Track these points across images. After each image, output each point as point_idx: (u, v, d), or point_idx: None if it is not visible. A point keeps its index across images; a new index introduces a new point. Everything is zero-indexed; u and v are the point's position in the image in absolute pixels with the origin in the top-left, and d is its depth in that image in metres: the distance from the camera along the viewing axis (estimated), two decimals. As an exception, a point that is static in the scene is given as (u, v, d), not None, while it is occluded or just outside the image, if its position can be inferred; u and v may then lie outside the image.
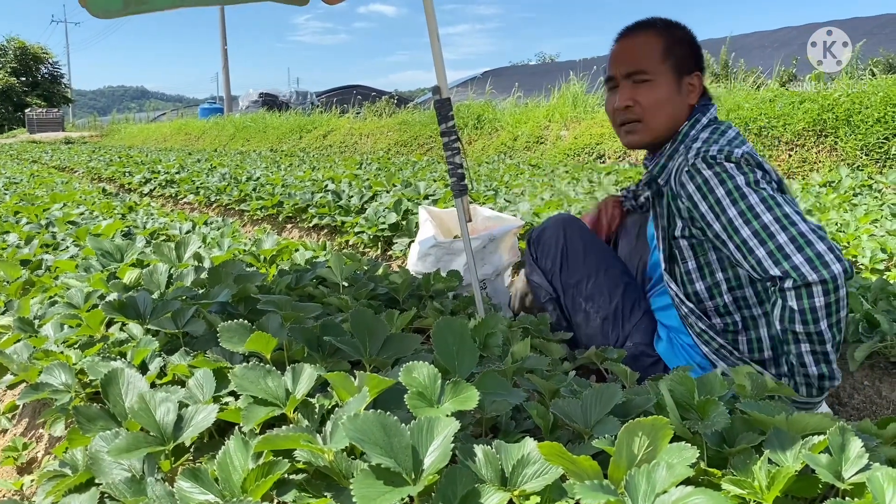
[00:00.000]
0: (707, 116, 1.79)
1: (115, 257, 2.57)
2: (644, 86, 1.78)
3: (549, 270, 2.03)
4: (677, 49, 1.79)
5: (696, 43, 1.85)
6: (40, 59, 46.69)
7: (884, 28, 15.21)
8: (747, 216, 1.58)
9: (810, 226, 1.56)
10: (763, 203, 1.57)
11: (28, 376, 1.66)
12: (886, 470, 0.83)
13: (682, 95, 1.79)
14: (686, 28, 1.85)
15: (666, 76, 1.77)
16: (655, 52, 1.78)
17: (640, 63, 1.78)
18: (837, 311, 1.53)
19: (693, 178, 1.65)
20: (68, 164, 12.25)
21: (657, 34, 1.80)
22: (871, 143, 6.15)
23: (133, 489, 1.04)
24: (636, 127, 1.81)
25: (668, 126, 1.79)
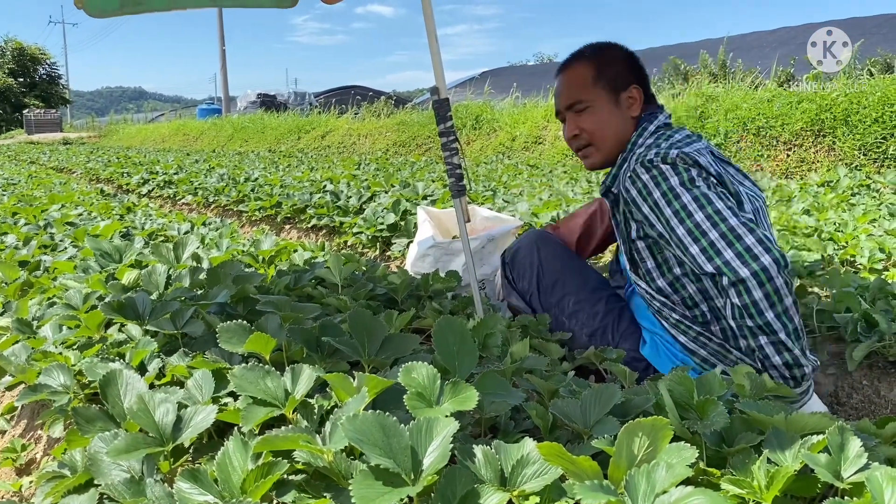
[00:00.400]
0: (654, 124, 1.86)
1: (113, 258, 2.57)
2: (585, 113, 1.89)
3: (526, 291, 2.07)
4: (608, 70, 1.88)
5: (629, 58, 1.93)
6: (38, 60, 46.64)
7: (881, 28, 15.23)
8: (681, 215, 1.65)
9: (741, 219, 1.61)
10: (695, 202, 1.64)
11: (27, 378, 1.66)
12: (885, 469, 0.83)
13: (622, 111, 1.88)
14: (616, 47, 1.95)
15: (602, 98, 1.87)
16: (587, 79, 1.89)
17: (575, 94, 1.90)
18: (780, 300, 1.57)
19: (634, 183, 1.74)
20: (66, 165, 12.24)
21: (586, 62, 1.91)
22: (869, 143, 6.16)
23: (132, 490, 1.04)
24: (589, 151, 1.92)
25: (617, 142, 1.89)
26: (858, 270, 2.91)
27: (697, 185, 1.65)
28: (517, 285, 2.10)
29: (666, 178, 1.68)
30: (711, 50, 12.49)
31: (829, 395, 2.09)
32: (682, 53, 15.12)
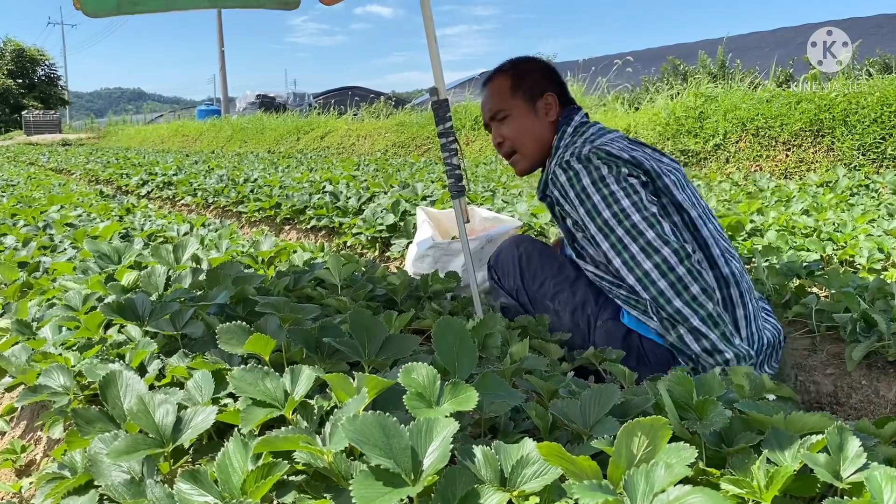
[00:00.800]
0: (572, 125, 1.98)
1: (112, 259, 2.57)
2: (506, 121, 2.04)
3: (512, 288, 2.14)
4: (524, 81, 2.03)
5: (545, 69, 2.08)
6: (37, 62, 46.63)
7: (880, 28, 15.24)
8: (592, 214, 1.79)
9: (643, 215, 1.74)
10: (603, 201, 1.77)
11: (26, 379, 1.66)
12: (884, 469, 0.83)
13: (540, 117, 2.02)
14: (533, 60, 2.10)
15: (520, 107, 2.02)
16: (506, 90, 2.03)
17: (496, 104, 2.04)
18: (685, 287, 1.70)
19: (555, 185, 1.88)
20: (65, 166, 12.23)
21: (504, 75, 2.05)
22: (868, 143, 6.17)
23: (132, 491, 1.04)
24: (516, 158, 2.07)
25: (538, 146, 2.03)
26: (857, 270, 2.91)
27: (607, 184, 1.77)
28: (504, 285, 2.16)
29: (579, 178, 1.80)
30: (710, 50, 12.49)
31: (828, 395, 2.09)
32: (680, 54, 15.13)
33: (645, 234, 1.72)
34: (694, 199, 1.87)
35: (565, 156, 1.85)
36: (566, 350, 1.80)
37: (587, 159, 1.80)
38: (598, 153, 1.80)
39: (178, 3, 2.43)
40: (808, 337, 2.27)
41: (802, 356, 2.20)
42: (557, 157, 1.89)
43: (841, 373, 2.10)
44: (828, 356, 2.18)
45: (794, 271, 2.61)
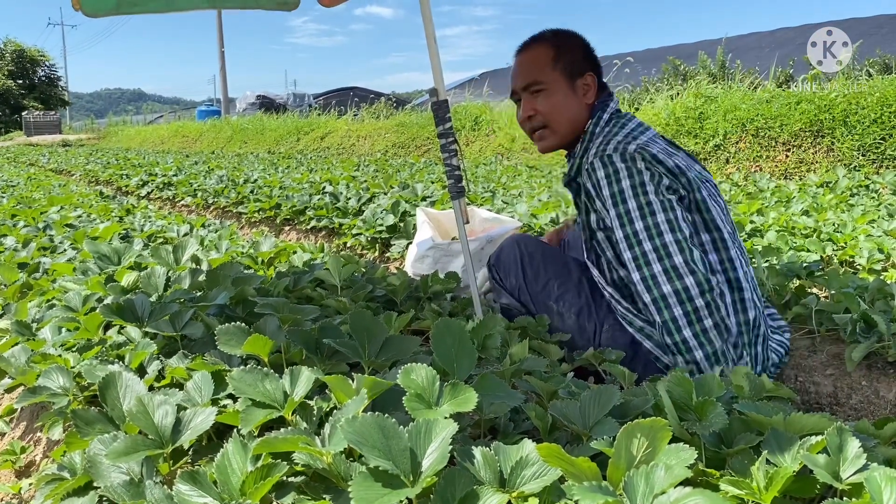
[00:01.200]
0: (607, 112, 1.90)
1: (112, 260, 2.57)
2: (541, 94, 1.92)
3: (514, 287, 2.10)
4: (566, 55, 1.91)
5: (586, 47, 1.96)
6: (37, 62, 46.65)
7: (880, 29, 15.24)
8: (623, 220, 1.72)
9: (676, 237, 1.67)
10: (639, 210, 1.70)
11: (26, 380, 1.66)
12: (884, 470, 0.83)
13: (577, 96, 1.92)
14: (575, 35, 1.98)
15: (558, 82, 1.90)
16: (546, 62, 1.91)
17: (533, 75, 1.92)
18: (699, 319, 1.64)
19: (590, 177, 1.79)
20: (65, 167, 12.24)
21: (546, 45, 1.93)
22: (868, 144, 6.17)
23: (132, 492, 1.04)
24: (544, 133, 1.95)
25: (571, 126, 1.93)
26: (857, 271, 2.91)
27: (646, 192, 1.70)
28: (505, 284, 2.12)
29: (619, 178, 1.73)
30: (710, 51, 12.49)
31: (828, 396, 2.09)
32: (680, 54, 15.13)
33: (673, 258, 1.65)
34: (724, 216, 1.81)
35: (607, 149, 1.76)
36: (566, 351, 1.80)
37: (632, 159, 1.72)
38: (643, 154, 1.72)
39: (177, 4, 2.43)
40: (808, 337, 2.26)
41: (802, 357, 2.19)
42: (597, 146, 1.80)
43: (841, 373, 2.10)
44: (828, 357, 2.18)
45: (794, 272, 2.60)
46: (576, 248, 2.33)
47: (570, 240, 2.40)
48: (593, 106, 1.92)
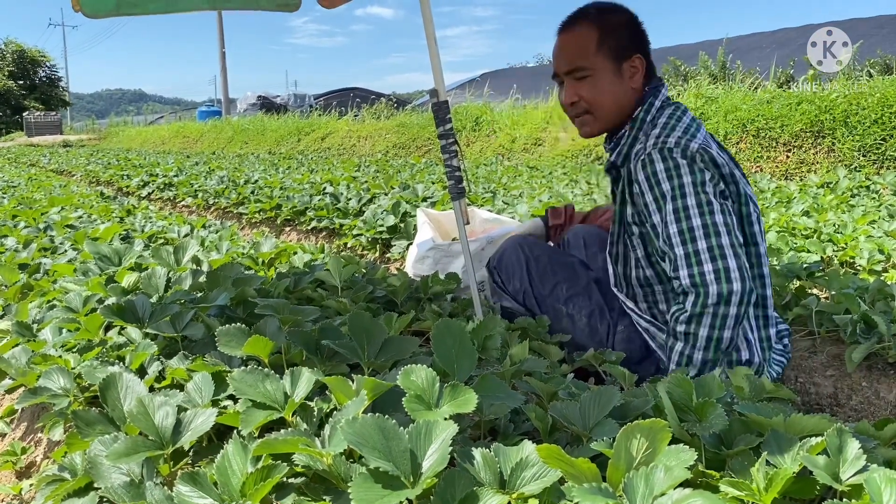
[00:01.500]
0: (659, 99, 1.81)
1: (113, 261, 2.57)
2: (585, 81, 1.81)
3: (518, 291, 2.04)
4: (612, 36, 1.79)
5: (635, 25, 1.84)
6: (38, 63, 46.69)
7: (881, 29, 15.22)
8: (681, 215, 1.63)
9: (732, 240, 1.62)
10: (698, 207, 1.62)
11: (27, 380, 1.66)
12: (884, 471, 0.83)
13: (623, 81, 1.81)
14: (623, 11, 1.84)
15: (603, 67, 1.79)
16: (590, 44, 1.79)
17: (576, 59, 1.81)
18: (722, 325, 1.59)
19: (645, 168, 1.69)
20: (66, 168, 12.24)
21: (590, 26, 1.80)
22: (869, 145, 6.17)
23: (132, 493, 1.04)
24: (587, 119, 1.85)
25: (617, 112, 1.83)
26: (858, 272, 2.91)
27: (707, 191, 1.64)
28: (508, 287, 2.07)
29: (680, 174, 1.65)
30: (711, 51, 12.49)
31: (828, 397, 2.09)
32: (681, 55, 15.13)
33: (727, 260, 1.59)
34: (762, 234, 1.77)
35: (668, 142, 1.67)
36: (566, 352, 1.80)
37: (692, 158, 1.65)
38: (703, 156, 1.65)
39: (177, 5, 2.43)
40: (809, 338, 2.26)
41: (802, 358, 2.19)
42: (654, 137, 1.71)
43: (841, 374, 2.10)
44: (828, 358, 2.18)
45: (794, 272, 2.60)
46: (576, 247, 2.29)
47: (571, 239, 2.37)
48: (643, 91, 1.82)
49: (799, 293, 2.44)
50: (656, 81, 1.85)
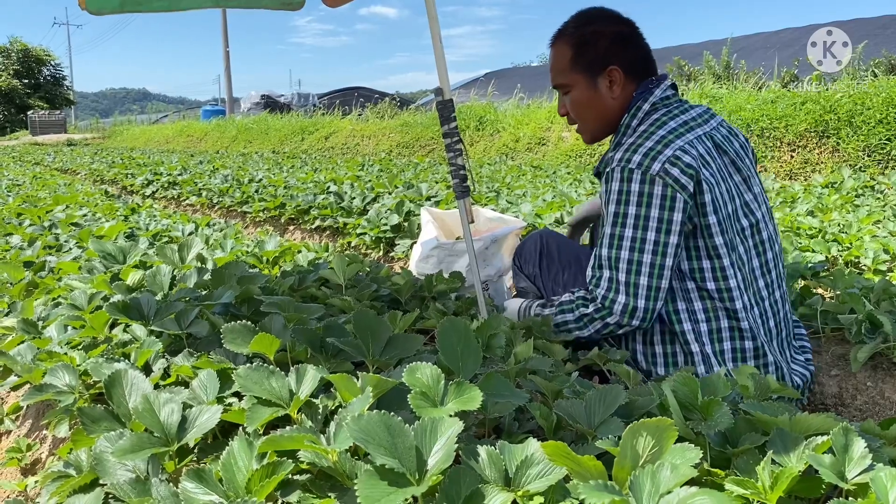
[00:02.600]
0: (649, 102, 1.80)
1: (118, 259, 2.57)
2: (569, 95, 1.88)
3: (531, 274, 2.19)
4: (585, 52, 1.83)
5: (612, 34, 1.84)
6: (42, 62, 46.79)
7: (886, 29, 15.18)
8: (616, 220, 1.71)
9: (657, 261, 1.68)
10: (635, 218, 1.68)
11: (32, 377, 1.66)
12: (889, 470, 0.83)
13: (601, 94, 1.84)
14: (600, 19, 1.86)
15: (580, 82, 1.85)
16: (565, 62, 1.86)
17: (557, 76, 1.89)
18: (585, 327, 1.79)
19: (608, 182, 1.74)
20: (71, 166, 12.27)
21: (565, 43, 1.86)
22: (874, 144, 6.15)
23: (137, 490, 1.04)
24: (580, 129, 1.95)
25: (601, 123, 1.89)
26: (862, 272, 2.90)
27: (649, 205, 1.66)
28: (525, 271, 2.21)
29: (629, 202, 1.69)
30: (715, 51, 12.46)
31: (833, 397, 2.09)
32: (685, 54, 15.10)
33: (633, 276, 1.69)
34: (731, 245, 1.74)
35: (633, 159, 1.68)
36: (570, 350, 1.80)
37: (651, 182, 1.65)
38: (664, 178, 1.64)
39: (180, 3, 2.43)
40: (813, 338, 2.26)
41: (807, 357, 2.19)
42: (625, 148, 1.72)
43: (846, 374, 2.10)
44: (833, 357, 2.17)
45: (799, 272, 2.60)
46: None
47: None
48: (631, 96, 1.83)
49: (804, 293, 2.44)
50: (648, 83, 1.83)
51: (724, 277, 1.72)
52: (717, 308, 1.74)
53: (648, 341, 1.82)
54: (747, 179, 1.83)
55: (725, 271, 1.72)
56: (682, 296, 1.77)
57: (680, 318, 1.77)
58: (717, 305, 1.73)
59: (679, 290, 1.76)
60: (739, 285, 1.74)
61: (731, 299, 1.73)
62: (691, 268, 1.74)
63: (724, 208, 1.73)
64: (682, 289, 1.76)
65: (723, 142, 1.81)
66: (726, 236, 1.73)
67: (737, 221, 1.77)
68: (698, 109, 1.83)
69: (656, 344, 1.81)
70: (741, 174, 1.82)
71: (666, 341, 1.80)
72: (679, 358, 1.78)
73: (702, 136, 1.75)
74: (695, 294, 1.75)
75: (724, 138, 1.82)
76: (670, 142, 1.69)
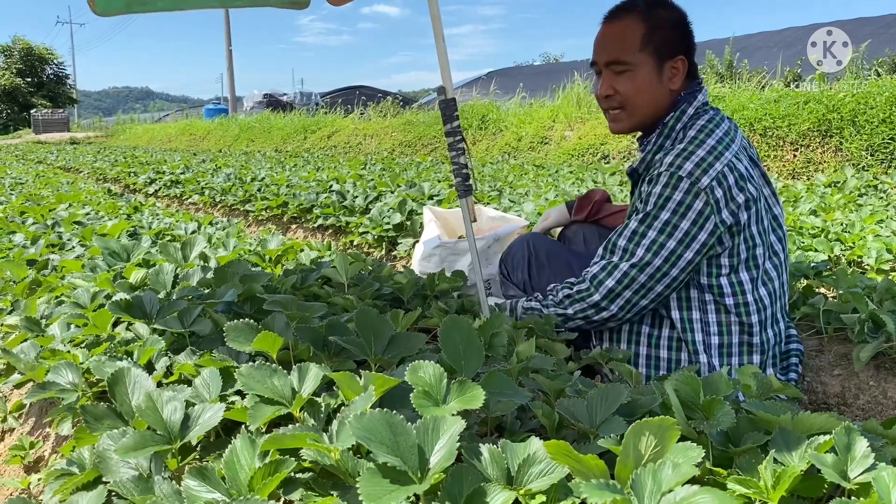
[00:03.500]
0: (693, 105, 1.77)
1: (121, 257, 2.57)
2: (624, 75, 1.76)
3: (520, 281, 2.16)
4: (659, 33, 1.74)
5: (683, 24, 1.79)
6: (45, 60, 46.86)
7: (889, 28, 15.15)
8: (647, 220, 1.70)
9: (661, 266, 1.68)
10: (665, 224, 1.67)
11: (35, 375, 1.67)
12: (892, 470, 0.83)
13: (663, 82, 1.77)
14: (672, 7, 1.79)
15: (646, 64, 1.75)
16: (635, 39, 1.74)
17: (619, 53, 1.76)
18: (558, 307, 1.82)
19: (652, 184, 1.70)
20: (73, 165, 12.28)
21: (637, 19, 1.75)
22: (877, 144, 6.14)
23: (140, 487, 1.05)
24: (620, 115, 1.82)
25: (650, 112, 1.79)
26: (865, 271, 2.90)
27: (683, 216, 1.65)
28: (512, 278, 2.19)
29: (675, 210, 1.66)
30: (717, 50, 12.46)
31: (835, 396, 2.09)
32: (688, 53, 15.05)
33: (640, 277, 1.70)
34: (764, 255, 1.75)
35: (683, 166, 1.64)
36: (573, 349, 1.80)
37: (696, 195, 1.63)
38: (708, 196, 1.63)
39: (187, 3, 2.44)
40: (816, 338, 2.26)
41: (810, 357, 2.19)
42: (675, 153, 1.68)
43: (848, 373, 2.10)
44: (835, 357, 2.17)
45: (801, 272, 2.60)
46: (577, 243, 2.39)
47: (571, 236, 2.43)
48: (680, 93, 1.78)
49: (806, 292, 2.44)
50: (695, 85, 1.80)
51: (743, 292, 1.71)
52: (732, 322, 1.73)
53: (654, 344, 1.81)
54: (774, 193, 1.83)
55: (744, 286, 1.71)
56: (698, 306, 1.75)
57: (693, 328, 1.75)
58: (731, 320, 1.72)
59: (696, 301, 1.75)
60: (762, 299, 1.73)
61: (748, 314, 1.72)
62: (710, 283, 1.73)
63: (761, 222, 1.72)
64: (699, 299, 1.75)
65: (754, 155, 1.81)
66: (759, 250, 1.72)
67: (768, 236, 1.77)
68: (728, 121, 1.80)
69: (662, 348, 1.80)
70: (770, 188, 1.82)
71: (672, 347, 1.79)
72: (683, 366, 1.77)
73: (741, 148, 1.74)
74: (711, 306, 1.74)
75: (752, 151, 1.82)
76: (720, 154, 1.67)
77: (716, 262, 1.71)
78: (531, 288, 2.13)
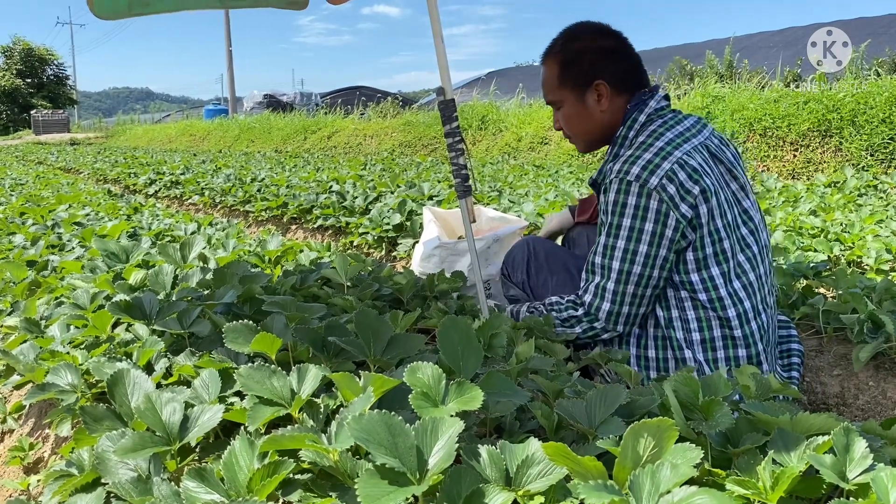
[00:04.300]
0: (645, 113, 1.82)
1: (120, 258, 2.57)
2: (560, 111, 1.94)
3: (520, 282, 2.20)
4: (571, 68, 1.87)
5: (595, 51, 1.86)
6: (46, 61, 46.88)
7: (889, 28, 15.15)
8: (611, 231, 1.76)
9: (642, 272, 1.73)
10: (629, 230, 1.72)
11: (34, 377, 1.67)
12: (891, 470, 0.83)
13: (589, 108, 1.88)
14: (586, 36, 1.89)
15: (568, 97, 1.89)
16: (553, 78, 1.91)
17: (548, 93, 1.95)
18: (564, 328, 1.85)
19: (606, 193, 1.77)
20: (74, 166, 12.29)
21: (552, 60, 1.91)
22: (877, 144, 6.14)
23: (139, 489, 1.05)
24: (573, 141, 2.00)
25: (596, 133, 1.92)
26: (865, 271, 2.90)
27: (644, 218, 1.70)
28: (513, 279, 2.22)
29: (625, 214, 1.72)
30: (717, 50, 12.46)
31: (834, 396, 2.09)
32: (687, 54, 15.09)
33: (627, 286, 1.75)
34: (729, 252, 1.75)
35: (631, 170, 1.70)
36: (572, 350, 1.80)
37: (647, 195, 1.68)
38: (660, 193, 1.67)
39: (187, 3, 2.44)
40: (815, 338, 2.26)
41: (809, 357, 2.19)
42: (624, 159, 1.74)
43: (848, 374, 2.10)
44: (835, 357, 2.17)
45: (801, 272, 2.60)
46: (580, 245, 2.39)
47: (575, 238, 2.43)
48: (623, 109, 1.86)
49: (806, 292, 2.44)
50: (642, 94, 1.85)
51: (715, 287, 1.74)
52: (711, 318, 1.75)
53: (643, 345, 1.84)
54: (744, 187, 1.85)
55: (715, 280, 1.74)
56: (676, 304, 1.79)
57: (674, 326, 1.79)
58: (709, 315, 1.75)
59: (674, 299, 1.79)
60: (737, 292, 1.75)
61: (723, 308, 1.74)
62: (681, 280, 1.76)
63: (724, 216, 1.74)
64: (676, 297, 1.78)
65: (717, 151, 1.83)
66: (726, 244, 1.74)
67: (737, 229, 1.78)
68: (692, 119, 1.84)
69: (650, 348, 1.83)
70: (738, 182, 1.84)
71: (659, 346, 1.82)
72: (671, 364, 1.80)
73: (697, 146, 1.77)
74: (688, 303, 1.77)
75: (718, 148, 1.84)
76: (668, 153, 1.71)
77: (682, 258, 1.74)
78: (530, 288, 2.17)
